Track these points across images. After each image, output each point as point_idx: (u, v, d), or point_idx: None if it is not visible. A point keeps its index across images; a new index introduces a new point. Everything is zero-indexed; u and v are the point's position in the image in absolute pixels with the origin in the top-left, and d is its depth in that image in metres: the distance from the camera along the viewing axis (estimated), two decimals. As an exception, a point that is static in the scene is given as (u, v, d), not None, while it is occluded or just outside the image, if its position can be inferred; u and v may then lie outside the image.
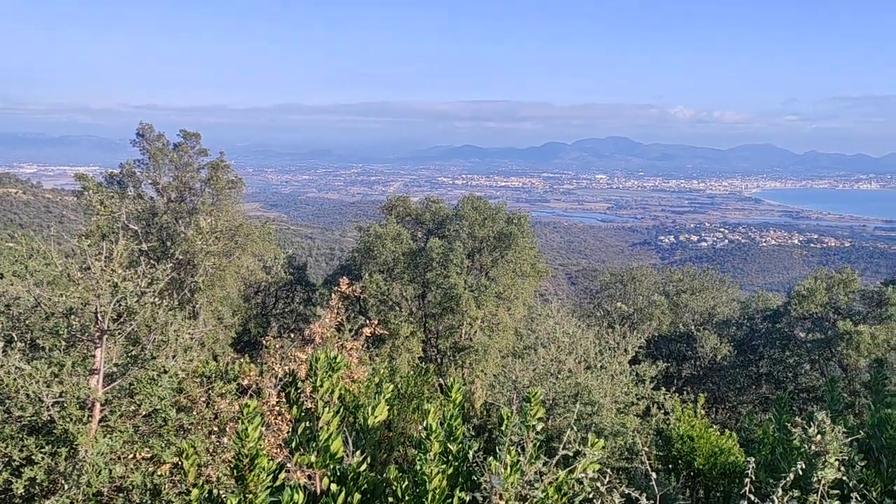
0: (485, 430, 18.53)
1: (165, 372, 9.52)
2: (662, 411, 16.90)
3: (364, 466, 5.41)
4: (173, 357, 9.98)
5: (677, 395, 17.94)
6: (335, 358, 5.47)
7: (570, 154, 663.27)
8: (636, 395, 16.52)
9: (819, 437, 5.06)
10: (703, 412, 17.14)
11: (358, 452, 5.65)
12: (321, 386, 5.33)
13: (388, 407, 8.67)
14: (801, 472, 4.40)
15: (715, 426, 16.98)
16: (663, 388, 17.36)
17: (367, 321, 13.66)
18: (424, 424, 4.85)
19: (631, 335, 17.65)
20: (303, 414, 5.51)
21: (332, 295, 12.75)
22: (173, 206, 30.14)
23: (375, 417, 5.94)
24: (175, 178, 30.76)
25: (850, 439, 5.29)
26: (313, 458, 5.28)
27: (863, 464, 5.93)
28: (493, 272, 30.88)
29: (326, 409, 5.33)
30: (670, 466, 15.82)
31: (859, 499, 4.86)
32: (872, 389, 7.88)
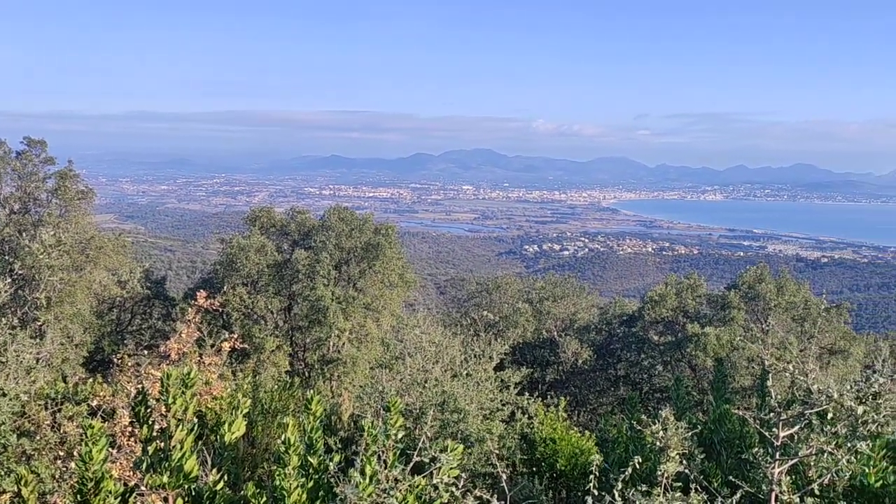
0: (352, 442, 18.34)
1: (4, 395, 8.86)
2: (526, 416, 17.34)
3: (221, 485, 5.24)
4: (14, 379, 9.31)
5: (541, 399, 18.47)
6: (189, 374, 5.27)
7: (437, 165, 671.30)
8: (501, 400, 16.86)
9: (662, 433, 5.36)
10: (564, 415, 17.74)
11: (214, 470, 5.46)
12: (174, 403, 5.12)
13: (247, 422, 8.45)
14: (638, 467, 4.64)
15: (576, 428, 17.62)
16: (527, 394, 17.80)
17: (229, 335, 13.24)
18: (283, 439, 4.76)
19: (496, 342, 18.01)
20: (154, 433, 5.28)
21: (189, 309, 12.29)
22: (16, 218, 28.16)
23: (233, 434, 5.77)
24: (18, 189, 28.83)
25: (690, 434, 5.63)
26: (165, 479, 5.06)
27: (702, 456, 6.32)
28: (361, 283, 30.74)
29: (179, 427, 5.12)
30: (534, 469, 16.26)
31: (699, 490, 5.18)
32: (714, 387, 8.40)
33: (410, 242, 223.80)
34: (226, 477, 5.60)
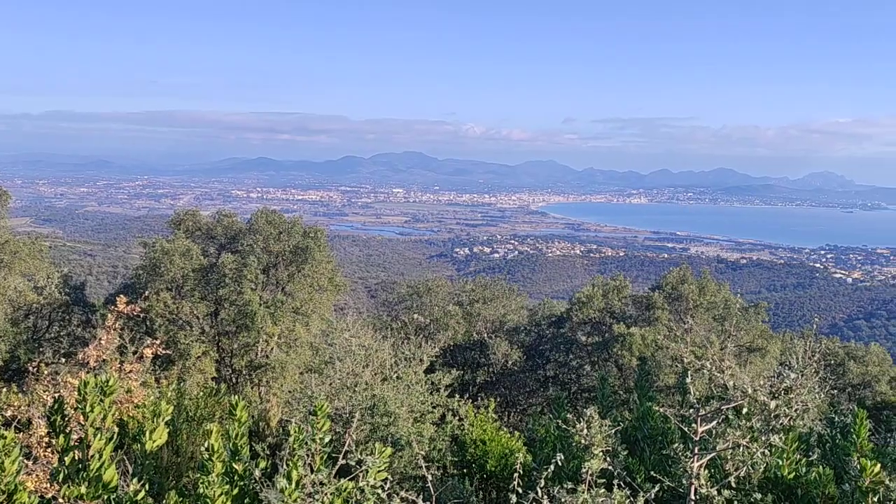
0: (280, 448, 18.09)
1: None
2: (457, 418, 17.41)
3: (141, 495, 5.10)
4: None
5: (472, 401, 18.55)
6: (108, 381, 5.12)
7: (367, 168, 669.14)
8: (432, 403, 16.88)
9: (586, 431, 5.48)
10: (494, 416, 17.89)
11: (135, 480, 5.31)
12: (91, 412, 4.96)
13: (171, 430, 8.24)
14: (560, 465, 4.73)
15: (506, 429, 17.79)
16: (458, 396, 17.87)
17: (152, 342, 12.90)
18: (206, 446, 4.67)
19: (426, 345, 18.03)
20: (72, 443, 5.11)
21: (109, 315, 11.93)
22: (-78, 222, 26.85)
23: (154, 442, 5.63)
24: (-76, 191, 27.50)
25: (614, 431, 5.77)
26: (83, 490, 4.90)
27: (626, 453, 6.46)
28: (290, 287, 30.33)
29: (98, 436, 4.97)
30: (465, 470, 16.34)
31: (622, 485, 5.31)
32: (638, 386, 8.61)
33: (341, 246, 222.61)
34: (147, 486, 5.45)
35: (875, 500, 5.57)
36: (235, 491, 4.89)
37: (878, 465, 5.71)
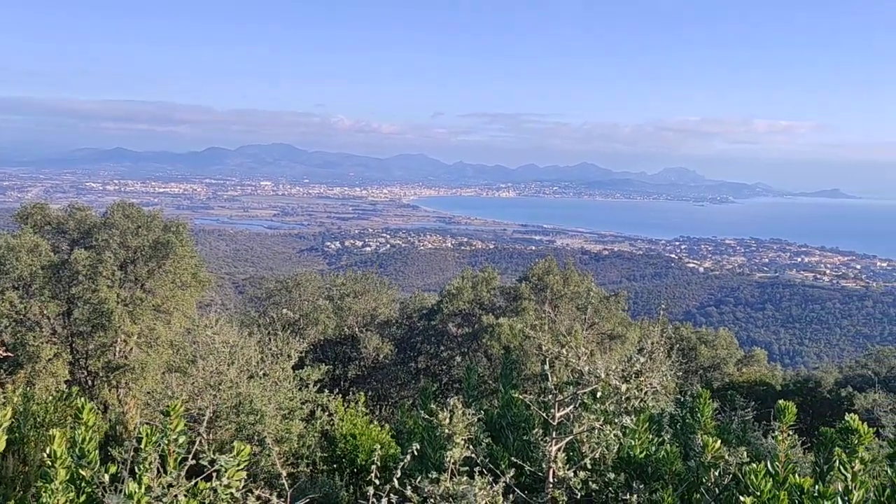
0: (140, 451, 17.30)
1: None
2: (327, 413, 17.26)
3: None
4: None
5: (342, 395, 18.45)
6: (-65, 388, 4.71)
7: (233, 160, 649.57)
8: (301, 399, 16.65)
9: (449, 421, 5.56)
10: (365, 410, 17.88)
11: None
12: (-84, 422, 4.55)
13: (17, 437, 7.75)
14: (415, 454, 4.79)
15: (377, 422, 17.82)
16: (327, 391, 17.72)
17: (-6, 344, 12.01)
18: (48, 451, 4.39)
19: (294, 340, 17.75)
20: None
21: (-59, 316, 11.01)
22: None
23: (-9, 451, 5.23)
24: None
25: (476, 419, 5.89)
26: None
27: (489, 441, 6.61)
28: (150, 284, 28.99)
29: (-77, 448, 4.57)
30: (335, 466, 16.26)
31: (484, 472, 5.42)
32: (503, 374, 8.81)
33: (206, 240, 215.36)
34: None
35: (716, 473, 5.97)
36: (82, 498, 4.63)
37: (719, 442, 6.14)
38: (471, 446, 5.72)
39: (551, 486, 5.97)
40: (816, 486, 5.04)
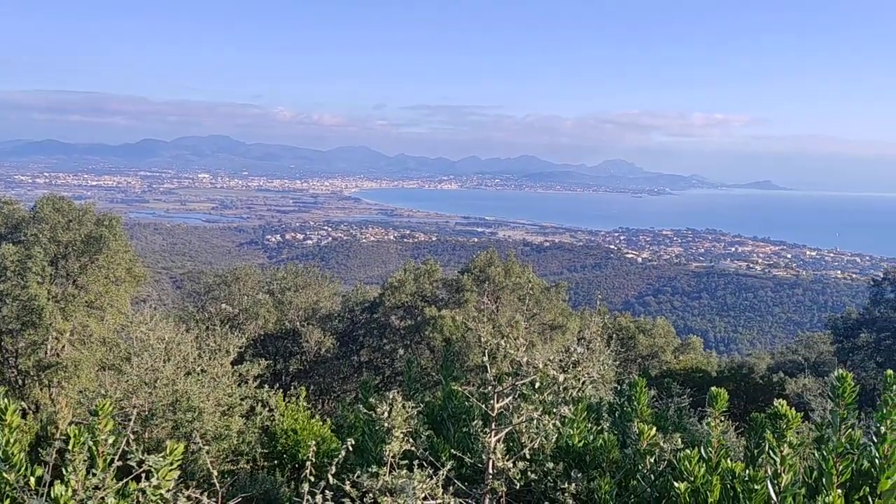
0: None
1: None
2: (267, 409, 17.03)
3: None
4: None
5: (283, 390, 18.22)
6: None
7: (169, 152, 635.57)
8: (240, 395, 16.39)
9: (387, 413, 5.53)
10: (306, 405, 17.69)
11: None
12: None
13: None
14: (352, 448, 4.75)
15: (319, 417, 17.65)
16: (267, 386, 17.48)
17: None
18: (-33, 457, 4.21)
19: (233, 335, 17.44)
20: None
21: None
22: None
23: None
24: None
25: (415, 412, 5.86)
26: None
27: (429, 433, 6.60)
28: (83, 279, 28.17)
29: None
30: (276, 462, 16.05)
31: (424, 465, 5.40)
32: (444, 366, 8.80)
33: (142, 234, 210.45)
34: None
35: (651, 460, 6.08)
36: (6, 502, 4.46)
37: (655, 429, 6.25)
38: (410, 439, 5.69)
39: (491, 477, 5.99)
40: (747, 471, 5.17)
